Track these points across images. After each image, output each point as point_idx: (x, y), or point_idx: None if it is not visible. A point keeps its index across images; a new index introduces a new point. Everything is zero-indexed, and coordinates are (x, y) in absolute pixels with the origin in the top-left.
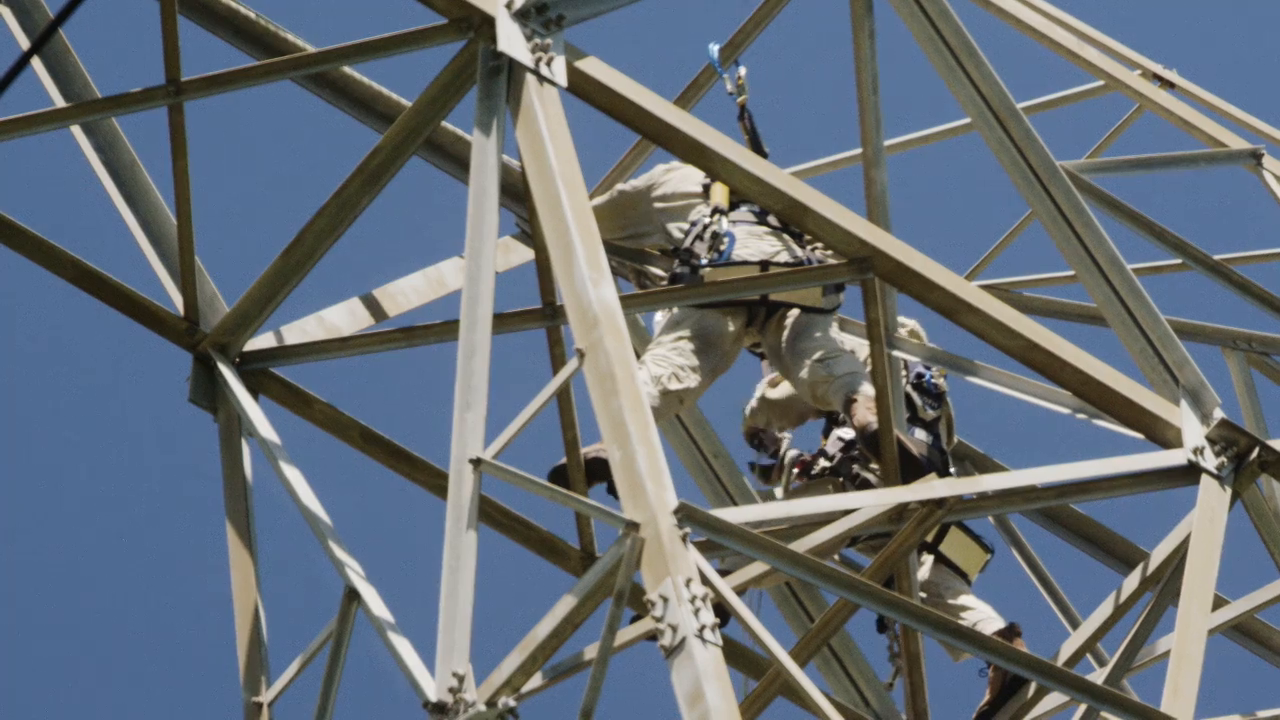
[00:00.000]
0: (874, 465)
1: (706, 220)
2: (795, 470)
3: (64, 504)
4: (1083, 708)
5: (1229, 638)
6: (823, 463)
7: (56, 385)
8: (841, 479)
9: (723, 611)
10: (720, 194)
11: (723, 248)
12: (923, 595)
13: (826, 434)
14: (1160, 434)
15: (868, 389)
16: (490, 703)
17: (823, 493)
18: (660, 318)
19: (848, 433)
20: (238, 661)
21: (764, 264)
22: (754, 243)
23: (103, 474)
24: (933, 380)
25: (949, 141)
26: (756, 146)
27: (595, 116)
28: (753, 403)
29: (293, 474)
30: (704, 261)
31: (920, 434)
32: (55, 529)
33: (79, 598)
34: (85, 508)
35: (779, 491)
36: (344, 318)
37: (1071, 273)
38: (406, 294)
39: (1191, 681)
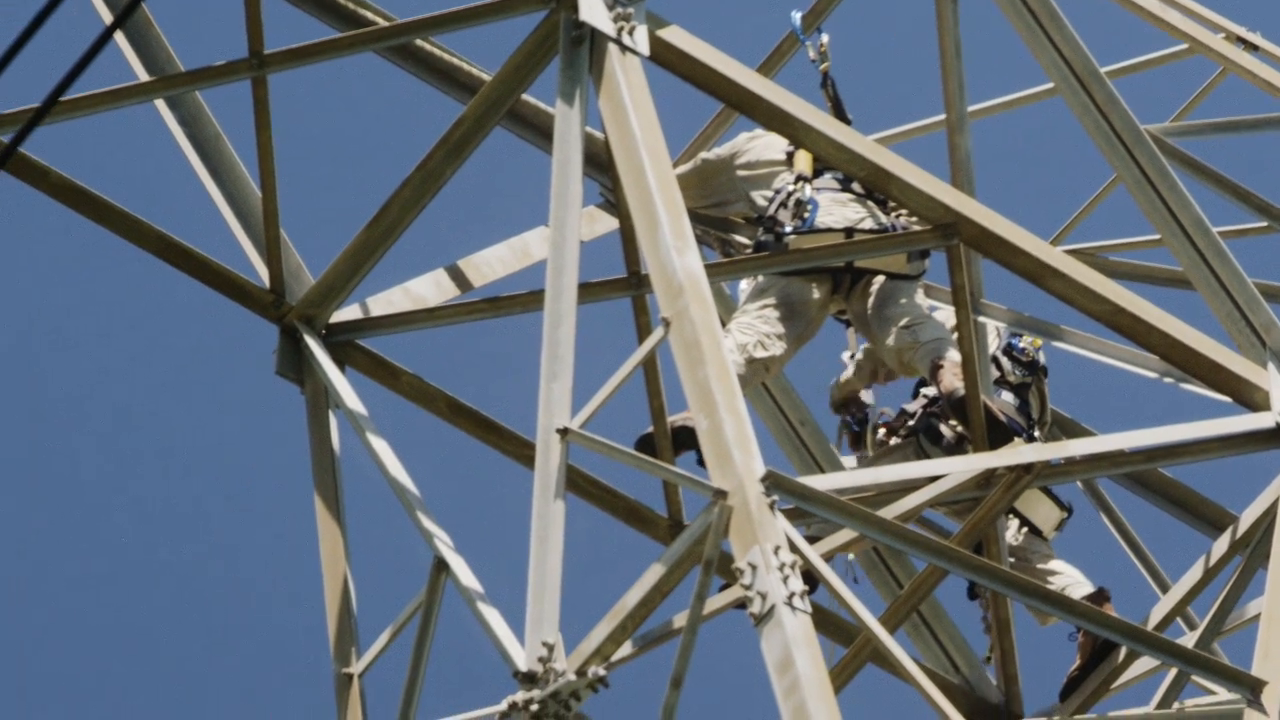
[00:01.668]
0: (953, 422)
1: (790, 188)
2: (883, 430)
3: (151, 477)
4: (1173, 672)
5: None
6: (906, 421)
7: (143, 359)
8: (920, 435)
9: (811, 578)
10: (804, 161)
11: (807, 215)
12: (1011, 560)
13: (916, 393)
14: (1248, 397)
15: (954, 355)
16: (580, 672)
17: (906, 451)
18: (745, 286)
19: (933, 390)
20: (328, 633)
21: (848, 231)
22: (838, 210)
23: (191, 446)
24: (1021, 347)
25: (1032, 106)
26: (840, 113)
27: (678, 85)
28: (849, 370)
29: (380, 445)
30: (788, 229)
31: (1007, 396)
32: (141, 502)
33: (168, 569)
34: (173, 481)
35: (856, 458)
36: (429, 289)
37: (1157, 236)
38: (491, 264)
39: None
